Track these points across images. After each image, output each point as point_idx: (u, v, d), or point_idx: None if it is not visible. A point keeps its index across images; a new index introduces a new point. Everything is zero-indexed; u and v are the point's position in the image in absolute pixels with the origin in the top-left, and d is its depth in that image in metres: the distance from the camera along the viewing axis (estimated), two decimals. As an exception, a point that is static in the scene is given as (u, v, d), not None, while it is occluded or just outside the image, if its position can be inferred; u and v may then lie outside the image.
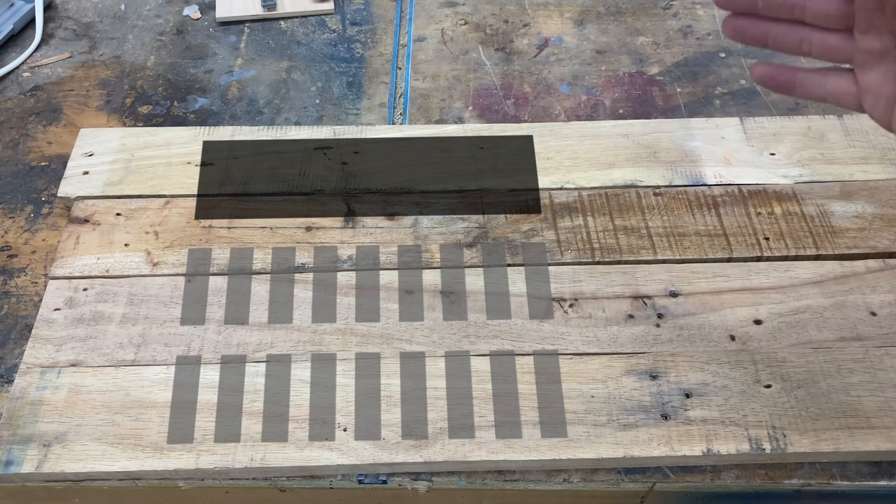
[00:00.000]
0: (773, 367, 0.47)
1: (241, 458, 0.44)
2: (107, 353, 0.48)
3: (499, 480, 0.45)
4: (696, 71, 0.66)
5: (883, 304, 0.50)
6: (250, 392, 0.46)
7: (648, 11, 0.72)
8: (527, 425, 0.45)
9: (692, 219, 0.54)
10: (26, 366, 0.47)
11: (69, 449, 0.44)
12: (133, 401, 0.46)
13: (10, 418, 0.45)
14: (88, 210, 0.54)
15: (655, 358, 0.47)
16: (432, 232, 0.53)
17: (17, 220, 0.57)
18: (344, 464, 0.44)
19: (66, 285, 0.51)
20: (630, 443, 0.44)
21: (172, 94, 0.65)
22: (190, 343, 0.48)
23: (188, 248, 0.52)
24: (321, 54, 0.68)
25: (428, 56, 0.68)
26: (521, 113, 0.63)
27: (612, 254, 0.52)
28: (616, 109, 0.63)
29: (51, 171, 0.60)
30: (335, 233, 0.53)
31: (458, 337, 0.48)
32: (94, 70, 0.67)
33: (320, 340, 0.48)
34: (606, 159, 0.57)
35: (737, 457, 0.44)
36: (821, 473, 0.45)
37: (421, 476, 0.45)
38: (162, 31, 0.71)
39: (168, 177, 0.56)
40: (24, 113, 0.64)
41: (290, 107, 0.64)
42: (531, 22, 0.71)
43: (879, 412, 0.45)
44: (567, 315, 0.49)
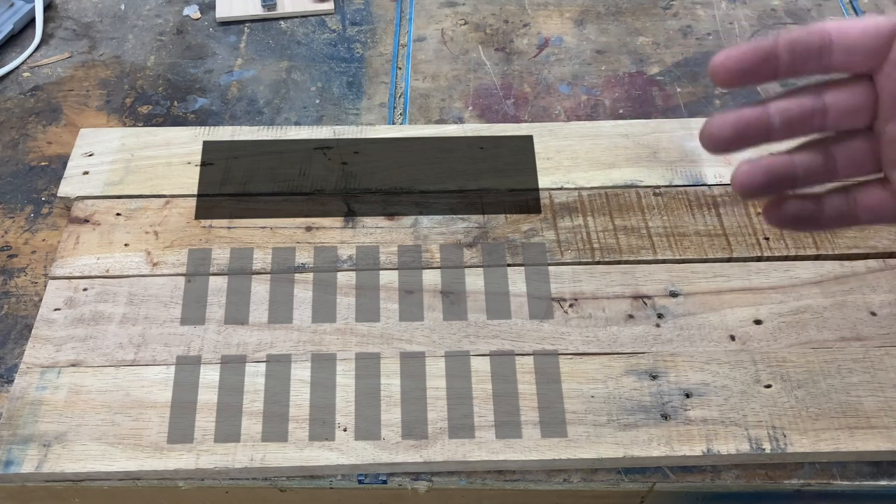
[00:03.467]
0: (773, 367, 0.47)
1: (241, 458, 0.44)
2: (107, 353, 0.48)
3: (499, 480, 0.45)
4: (696, 71, 0.66)
5: (883, 304, 0.50)
6: (250, 392, 0.46)
7: (648, 11, 0.72)
8: (527, 425, 0.45)
9: (692, 219, 0.54)
10: (26, 366, 0.47)
11: (69, 449, 0.44)
12: (133, 401, 0.46)
13: (10, 418, 0.45)
14: (88, 210, 0.54)
15: (655, 358, 0.47)
16: (432, 232, 0.53)
17: (17, 220, 0.57)
18: (344, 464, 0.44)
19: (66, 285, 0.51)
20: (630, 443, 0.44)
21: (172, 94, 0.65)
22: (190, 343, 0.48)
23: (188, 248, 0.52)
24: (321, 54, 0.68)
25: (428, 56, 0.68)
26: (521, 113, 0.63)
27: (612, 254, 0.52)
28: (616, 109, 0.63)
29: (51, 171, 0.60)
30: (335, 233, 0.53)
31: (458, 337, 0.48)
32: (94, 70, 0.67)
33: (320, 340, 0.48)
34: (606, 159, 0.57)
35: (737, 457, 0.44)
36: (821, 473, 0.45)
37: (421, 476, 0.45)
38: (162, 31, 0.71)
39: (168, 177, 0.56)
40: (24, 113, 0.64)
41: (290, 107, 0.64)
42: (531, 22, 0.71)
43: (879, 412, 0.45)
44: (567, 315, 0.49)
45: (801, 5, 0.72)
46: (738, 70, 0.30)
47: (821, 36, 0.30)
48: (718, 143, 0.31)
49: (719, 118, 0.31)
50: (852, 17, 0.31)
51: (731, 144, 0.31)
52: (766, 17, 0.71)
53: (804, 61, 0.30)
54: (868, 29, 0.30)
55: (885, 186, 0.32)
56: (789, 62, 0.30)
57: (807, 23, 0.70)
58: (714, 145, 0.31)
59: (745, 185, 0.31)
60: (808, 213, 0.32)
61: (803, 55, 0.30)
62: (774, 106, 0.31)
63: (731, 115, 0.31)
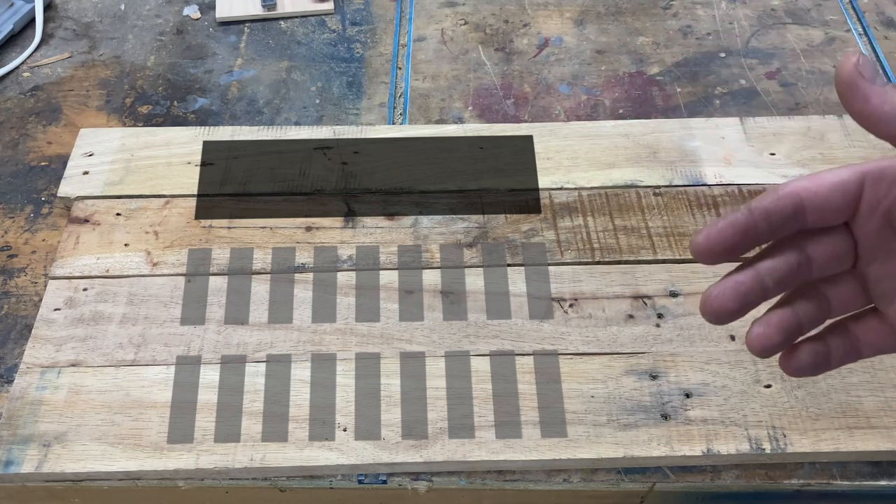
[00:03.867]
0: (773, 367, 0.47)
1: (241, 458, 0.44)
2: (107, 353, 0.48)
3: (499, 480, 0.45)
4: (696, 71, 0.66)
5: (883, 304, 0.50)
6: (250, 392, 0.46)
7: (648, 11, 0.72)
8: (527, 425, 0.45)
9: (692, 219, 0.54)
10: (26, 366, 0.47)
11: (69, 449, 0.44)
12: (133, 401, 0.46)
13: (10, 418, 0.45)
14: (88, 210, 0.54)
15: (655, 358, 0.47)
16: (432, 232, 0.53)
17: (17, 220, 0.57)
18: (344, 464, 0.44)
19: (65, 285, 0.51)
20: (630, 443, 0.44)
21: (172, 94, 0.65)
22: (190, 343, 0.48)
23: (188, 248, 0.52)
24: (321, 54, 0.68)
25: (428, 56, 0.68)
26: (521, 113, 0.63)
27: (612, 254, 0.52)
28: (616, 109, 0.63)
29: (51, 171, 0.60)
30: (335, 233, 0.53)
31: (458, 337, 0.48)
32: (94, 70, 0.67)
33: (320, 340, 0.48)
34: (606, 159, 0.57)
35: (737, 457, 0.44)
36: (821, 473, 0.45)
37: (421, 476, 0.45)
38: (162, 31, 0.71)
39: (168, 177, 0.56)
40: (24, 113, 0.64)
41: (290, 107, 0.64)
42: (531, 22, 0.71)
43: (879, 412, 0.45)
44: (567, 315, 0.49)
45: (800, 5, 0.72)
46: (722, 249, 0.31)
47: (792, 200, 0.30)
48: (722, 315, 0.32)
49: (717, 291, 0.31)
50: (818, 172, 0.31)
51: (734, 315, 0.32)
52: (766, 16, 0.71)
53: (781, 227, 0.31)
54: (836, 186, 0.30)
55: (882, 320, 0.33)
56: (767, 231, 0.31)
57: (805, 21, 0.70)
58: (718, 318, 0.32)
59: (764, 346, 0.32)
60: (822, 358, 0.33)
61: (780, 222, 0.31)
62: (764, 268, 0.31)
63: (729, 287, 0.31)
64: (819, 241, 0.32)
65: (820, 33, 0.69)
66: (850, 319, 0.34)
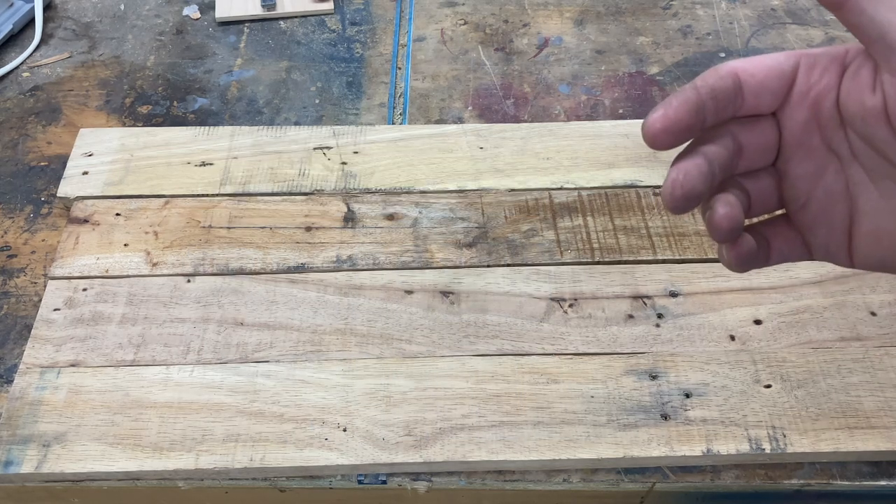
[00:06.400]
0: (773, 367, 0.47)
1: (241, 459, 0.44)
2: (106, 354, 0.48)
3: (499, 480, 0.45)
4: (696, 71, 0.66)
5: (883, 304, 0.50)
6: (250, 392, 0.46)
7: (648, 11, 0.72)
8: (526, 425, 0.45)
9: (692, 219, 0.54)
10: (26, 366, 0.47)
11: (69, 449, 0.44)
12: (132, 401, 0.46)
13: (9, 418, 0.45)
14: (88, 210, 0.54)
15: (655, 358, 0.47)
16: (432, 232, 0.53)
17: (17, 220, 0.57)
18: (344, 464, 0.44)
19: (65, 285, 0.51)
20: (630, 443, 0.44)
21: (172, 94, 0.65)
22: (190, 343, 0.48)
23: (188, 248, 0.52)
24: (321, 54, 0.68)
25: (428, 56, 0.68)
26: (520, 113, 0.63)
27: (612, 254, 0.52)
28: (616, 109, 0.63)
29: (50, 171, 0.60)
30: (335, 233, 0.53)
31: (457, 337, 0.48)
32: (94, 70, 0.67)
33: (320, 340, 0.48)
34: (606, 159, 0.57)
35: (736, 457, 0.44)
36: (821, 473, 0.45)
37: (421, 476, 0.45)
38: (161, 31, 0.71)
39: (168, 177, 0.56)
40: (23, 113, 0.64)
41: (290, 107, 0.64)
42: (531, 22, 0.71)
43: (879, 412, 0.45)
44: (567, 315, 0.49)
45: (800, 5, 0.72)
46: (678, 130, 0.30)
47: (732, 80, 0.30)
48: (692, 198, 0.30)
49: (681, 175, 0.30)
50: (756, 56, 0.31)
51: (700, 199, 0.30)
52: (766, 16, 0.71)
53: (724, 107, 0.30)
54: (772, 69, 0.30)
55: (790, 226, 0.33)
56: (713, 110, 0.30)
57: (805, 20, 0.70)
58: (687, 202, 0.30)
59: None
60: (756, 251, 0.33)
61: (724, 101, 0.30)
62: (710, 152, 0.30)
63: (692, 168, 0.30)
64: (750, 129, 0.31)
65: (820, 33, 0.69)
66: (763, 224, 0.34)
